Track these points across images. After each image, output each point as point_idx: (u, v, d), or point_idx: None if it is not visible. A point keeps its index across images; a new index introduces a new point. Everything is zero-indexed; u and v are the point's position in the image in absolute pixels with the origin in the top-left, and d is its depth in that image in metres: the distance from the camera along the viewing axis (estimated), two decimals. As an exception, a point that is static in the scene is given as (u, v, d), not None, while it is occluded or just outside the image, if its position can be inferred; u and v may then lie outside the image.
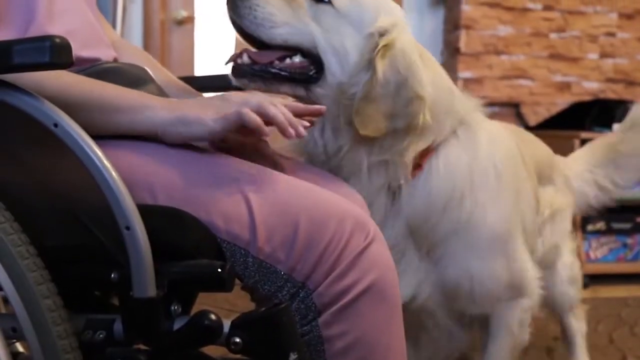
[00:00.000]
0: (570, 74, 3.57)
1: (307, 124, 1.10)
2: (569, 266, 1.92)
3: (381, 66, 1.26)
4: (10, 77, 0.92)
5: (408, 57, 1.29)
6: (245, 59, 1.29)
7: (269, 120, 1.05)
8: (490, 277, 1.43)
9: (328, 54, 1.29)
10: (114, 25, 2.74)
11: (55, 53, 0.85)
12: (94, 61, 1.18)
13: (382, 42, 1.27)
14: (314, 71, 1.30)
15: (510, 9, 3.49)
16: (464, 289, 1.42)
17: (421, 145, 1.35)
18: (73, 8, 1.19)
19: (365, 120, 1.27)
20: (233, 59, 1.30)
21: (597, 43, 3.59)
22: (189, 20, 3.61)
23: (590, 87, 3.60)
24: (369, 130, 1.28)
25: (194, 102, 1.07)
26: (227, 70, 1.33)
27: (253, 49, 1.32)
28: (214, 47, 3.66)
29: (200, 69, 3.62)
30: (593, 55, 3.59)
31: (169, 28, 3.61)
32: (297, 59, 1.30)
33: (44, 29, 1.09)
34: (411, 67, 1.28)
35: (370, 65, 1.27)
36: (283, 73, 1.30)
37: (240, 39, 1.32)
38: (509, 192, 1.46)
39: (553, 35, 3.55)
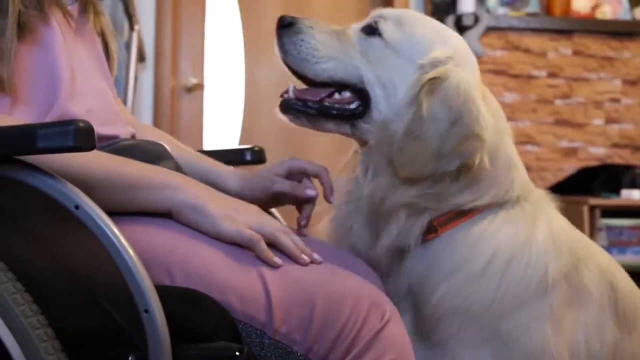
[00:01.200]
0: (576, 140, 3.59)
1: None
2: None
3: (426, 101, 1.15)
4: (32, 156, 0.93)
5: (463, 93, 1.15)
6: (291, 94, 1.26)
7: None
8: None
9: (375, 88, 1.22)
10: (125, 93, 2.77)
11: (79, 137, 0.87)
12: (113, 138, 1.20)
13: (428, 75, 1.17)
14: (359, 106, 1.24)
15: (515, 76, 3.54)
16: None
17: (463, 199, 1.18)
18: (93, 87, 1.21)
19: (408, 160, 1.16)
20: (282, 94, 1.27)
21: (602, 109, 3.62)
22: (198, 87, 3.66)
23: (597, 152, 3.61)
24: (411, 172, 1.16)
25: (217, 196, 1.08)
26: (235, 141, 1.31)
27: (304, 85, 1.27)
28: (222, 113, 3.72)
29: (208, 135, 3.68)
30: (598, 121, 3.62)
31: (179, 95, 3.66)
32: (347, 94, 1.25)
33: (65, 107, 1.11)
34: (467, 103, 1.14)
35: (416, 100, 1.17)
36: (328, 110, 1.24)
37: (294, 77, 1.28)
38: (546, 307, 1.17)
39: (558, 102, 3.58)
